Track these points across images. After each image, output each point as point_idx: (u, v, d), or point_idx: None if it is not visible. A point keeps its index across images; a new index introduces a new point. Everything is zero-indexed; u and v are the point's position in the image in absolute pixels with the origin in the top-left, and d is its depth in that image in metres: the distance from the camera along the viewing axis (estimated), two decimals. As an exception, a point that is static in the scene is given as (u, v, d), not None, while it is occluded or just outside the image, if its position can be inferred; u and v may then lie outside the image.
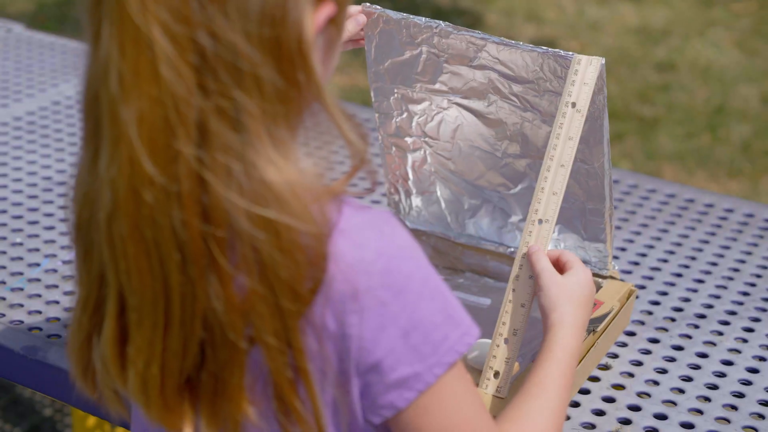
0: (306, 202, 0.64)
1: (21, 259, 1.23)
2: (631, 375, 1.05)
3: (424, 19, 1.06)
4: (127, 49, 0.60)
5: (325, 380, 0.68)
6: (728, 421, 0.99)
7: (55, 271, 1.21)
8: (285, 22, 0.63)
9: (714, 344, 1.11)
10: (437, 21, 1.05)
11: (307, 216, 0.64)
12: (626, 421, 0.98)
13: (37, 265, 1.21)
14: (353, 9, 1.04)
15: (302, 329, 0.65)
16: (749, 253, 1.30)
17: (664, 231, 1.35)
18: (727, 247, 1.31)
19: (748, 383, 1.05)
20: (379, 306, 0.66)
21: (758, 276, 1.25)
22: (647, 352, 1.09)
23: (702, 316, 1.16)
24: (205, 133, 0.62)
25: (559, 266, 0.93)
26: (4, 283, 1.17)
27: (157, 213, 0.62)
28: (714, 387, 1.04)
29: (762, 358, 1.09)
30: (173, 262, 0.63)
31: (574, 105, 0.97)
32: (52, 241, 1.27)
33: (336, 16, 0.68)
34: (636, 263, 1.27)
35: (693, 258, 1.29)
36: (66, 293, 1.16)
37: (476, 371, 0.97)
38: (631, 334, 1.12)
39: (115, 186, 0.63)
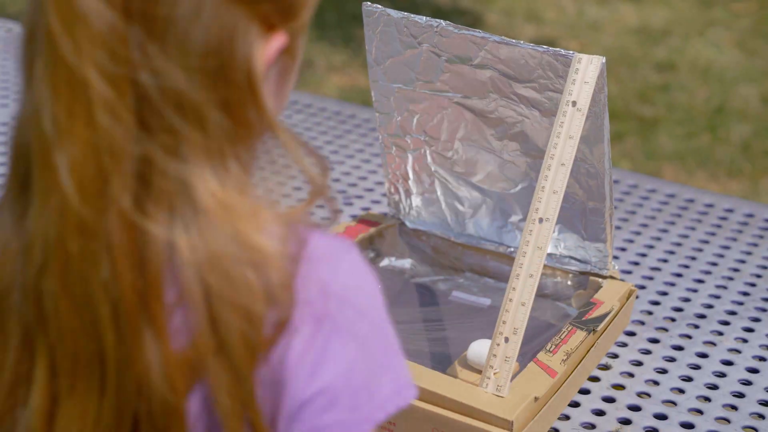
0: (260, 238, 0.59)
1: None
2: (631, 375, 1.05)
3: (424, 18, 1.06)
4: (60, 92, 0.56)
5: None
6: (728, 421, 0.99)
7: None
8: (232, 59, 0.58)
9: (714, 344, 1.11)
10: (438, 20, 1.05)
11: (262, 254, 0.59)
12: (626, 421, 0.98)
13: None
14: None
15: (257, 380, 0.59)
16: (749, 253, 1.30)
17: (664, 231, 1.35)
18: (727, 247, 1.31)
19: (748, 383, 1.05)
20: (326, 337, 0.60)
21: (758, 276, 1.25)
22: (647, 352, 1.09)
23: (702, 316, 1.16)
24: (144, 178, 0.57)
25: None
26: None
27: (86, 266, 0.57)
28: (714, 387, 1.04)
29: (762, 358, 1.09)
30: (106, 320, 0.58)
31: (574, 104, 0.97)
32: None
33: (289, 45, 0.63)
34: (636, 263, 1.27)
35: (693, 258, 1.29)
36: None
37: (476, 371, 0.97)
38: (631, 334, 1.12)
39: (45, 239, 0.58)
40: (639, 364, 1.07)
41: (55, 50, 0.55)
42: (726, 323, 1.15)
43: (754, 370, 1.07)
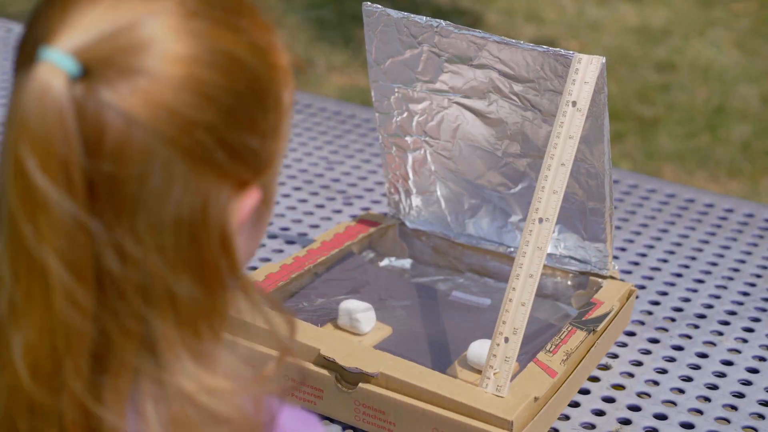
0: (234, 412, 0.57)
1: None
2: (631, 375, 1.05)
3: (424, 18, 1.06)
4: (20, 275, 0.54)
5: None
6: (728, 421, 0.99)
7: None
8: (206, 227, 0.56)
9: (714, 344, 1.11)
10: (438, 20, 1.05)
11: (237, 429, 0.57)
12: (626, 421, 0.98)
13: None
14: None
15: None
16: (749, 253, 1.30)
17: (664, 231, 1.35)
18: (727, 247, 1.31)
19: (748, 383, 1.05)
20: None
21: (758, 276, 1.25)
22: (647, 352, 1.09)
23: (702, 316, 1.16)
24: (104, 361, 0.56)
25: None
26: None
27: None
28: (714, 387, 1.04)
29: (762, 358, 1.09)
30: None
31: (574, 104, 0.97)
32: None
33: (263, 197, 0.61)
34: (636, 263, 1.27)
35: (693, 258, 1.29)
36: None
37: (476, 371, 0.97)
38: (631, 334, 1.12)
39: None
40: (639, 364, 1.07)
41: (16, 234, 0.53)
42: (726, 323, 1.15)
43: (754, 370, 1.07)
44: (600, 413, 0.99)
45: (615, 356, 1.08)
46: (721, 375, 1.06)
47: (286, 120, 0.61)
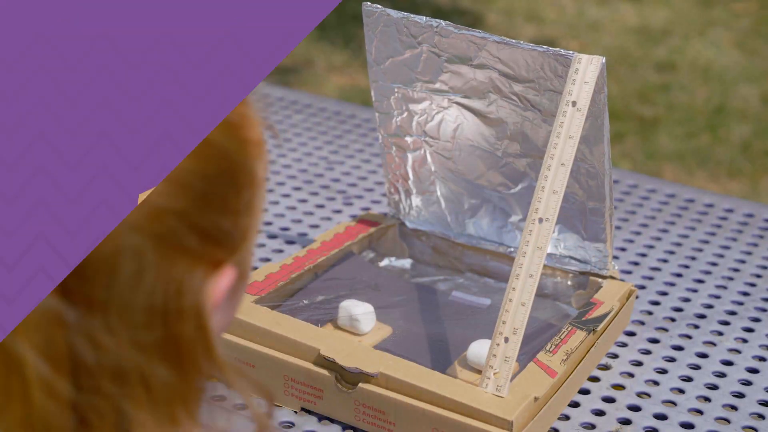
0: None
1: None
2: (631, 375, 1.05)
3: (424, 18, 1.06)
4: None
5: None
6: (728, 421, 0.99)
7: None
8: (180, 313, 0.55)
9: (714, 344, 1.11)
10: (438, 20, 1.05)
11: None
12: (626, 421, 0.98)
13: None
14: None
15: None
16: (749, 253, 1.30)
17: (664, 231, 1.35)
18: (727, 247, 1.31)
19: (748, 383, 1.05)
20: None
21: (758, 276, 1.25)
22: (647, 352, 1.09)
23: (702, 316, 1.16)
24: None
25: None
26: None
27: None
28: (714, 387, 1.04)
29: (762, 358, 1.09)
30: None
31: (574, 104, 0.97)
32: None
33: (239, 273, 0.59)
34: (636, 263, 1.27)
35: (693, 258, 1.29)
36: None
37: (476, 371, 0.97)
38: (631, 334, 1.12)
39: None
40: (639, 364, 1.07)
41: None
42: (726, 323, 1.15)
43: (754, 370, 1.07)
44: (600, 413, 0.99)
45: (615, 356, 1.08)
46: (721, 375, 1.06)
47: (260, 194, 0.59)
